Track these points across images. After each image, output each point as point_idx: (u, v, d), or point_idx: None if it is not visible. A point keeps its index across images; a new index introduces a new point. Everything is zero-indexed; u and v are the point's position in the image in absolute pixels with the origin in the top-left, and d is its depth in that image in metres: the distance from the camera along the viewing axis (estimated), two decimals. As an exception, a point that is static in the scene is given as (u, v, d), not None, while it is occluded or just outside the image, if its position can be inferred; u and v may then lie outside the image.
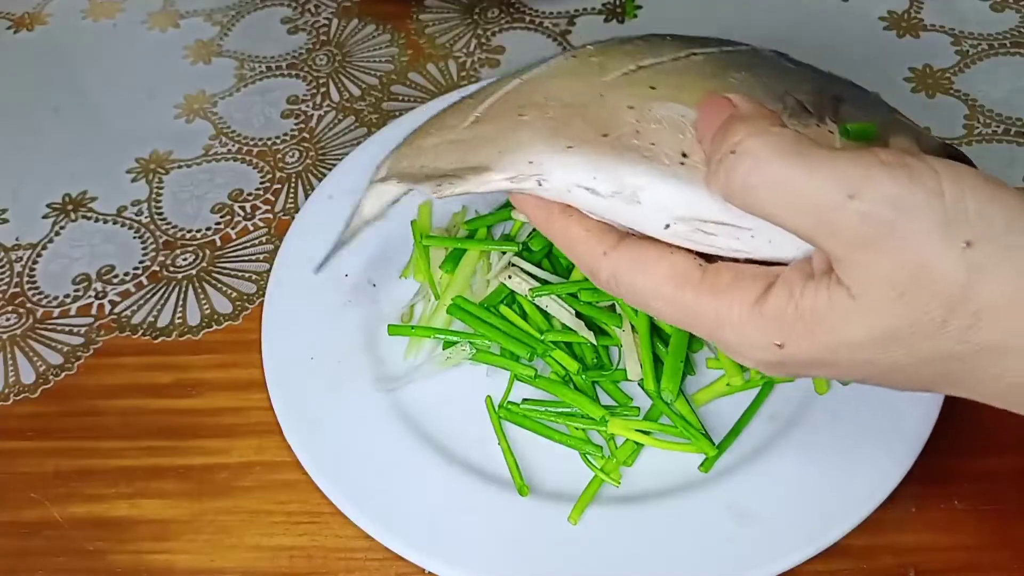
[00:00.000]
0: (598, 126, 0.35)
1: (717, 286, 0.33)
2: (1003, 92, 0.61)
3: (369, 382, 0.47)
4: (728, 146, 0.31)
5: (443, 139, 0.39)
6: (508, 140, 0.36)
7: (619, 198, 0.34)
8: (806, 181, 0.30)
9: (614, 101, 0.36)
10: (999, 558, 0.42)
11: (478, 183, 0.36)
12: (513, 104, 0.38)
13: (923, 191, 0.29)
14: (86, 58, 0.68)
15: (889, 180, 0.29)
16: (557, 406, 0.46)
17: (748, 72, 0.37)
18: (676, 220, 0.34)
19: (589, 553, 0.41)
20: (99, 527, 0.45)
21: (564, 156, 0.35)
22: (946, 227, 0.28)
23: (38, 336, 0.53)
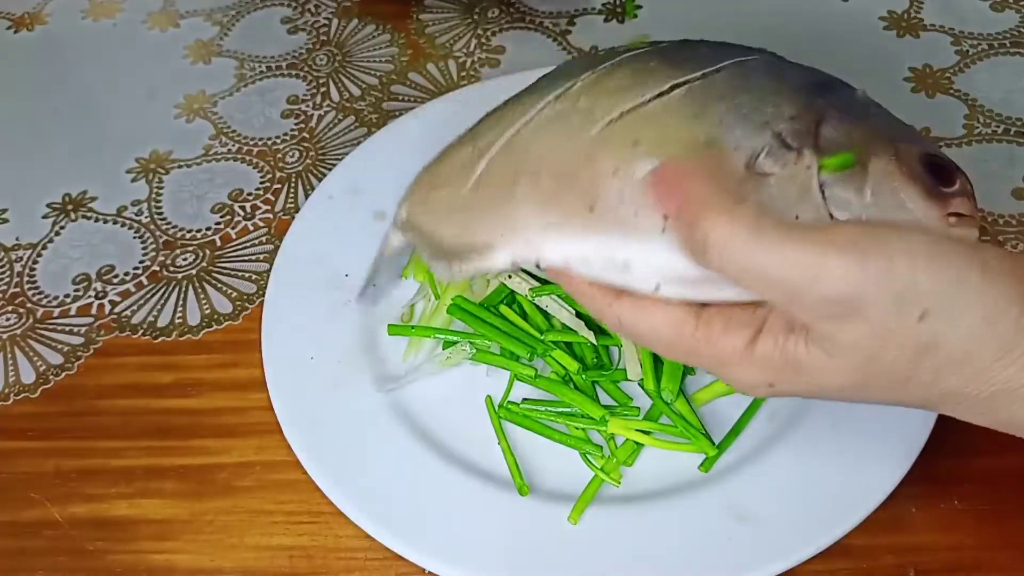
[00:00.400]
0: (586, 198, 0.38)
1: (711, 335, 0.36)
2: (1003, 92, 0.61)
3: (369, 382, 0.47)
4: (697, 238, 0.34)
5: (451, 201, 0.42)
6: (505, 219, 0.39)
7: (611, 270, 0.37)
8: (774, 267, 0.33)
9: (600, 165, 0.38)
10: (999, 558, 0.42)
11: (483, 264, 0.39)
12: (510, 167, 0.40)
13: (876, 273, 0.32)
14: (86, 58, 0.68)
15: (841, 266, 0.32)
16: (557, 406, 0.46)
17: (730, 102, 0.39)
18: (664, 282, 0.36)
19: (589, 553, 0.41)
20: (99, 527, 0.45)
21: (557, 237, 0.38)
22: (900, 304, 0.32)
23: (38, 336, 0.53)
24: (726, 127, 0.38)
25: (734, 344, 0.35)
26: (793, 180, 0.37)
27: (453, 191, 0.41)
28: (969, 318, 0.32)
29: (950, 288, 0.32)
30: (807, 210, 0.36)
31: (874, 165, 0.37)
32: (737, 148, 0.37)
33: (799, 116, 0.38)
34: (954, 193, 0.37)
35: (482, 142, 0.42)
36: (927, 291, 0.32)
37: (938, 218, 0.37)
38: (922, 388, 0.34)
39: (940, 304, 0.32)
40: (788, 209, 0.36)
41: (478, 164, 0.41)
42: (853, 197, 0.36)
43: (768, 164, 0.37)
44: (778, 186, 0.36)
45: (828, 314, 0.33)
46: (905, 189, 0.37)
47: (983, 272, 0.32)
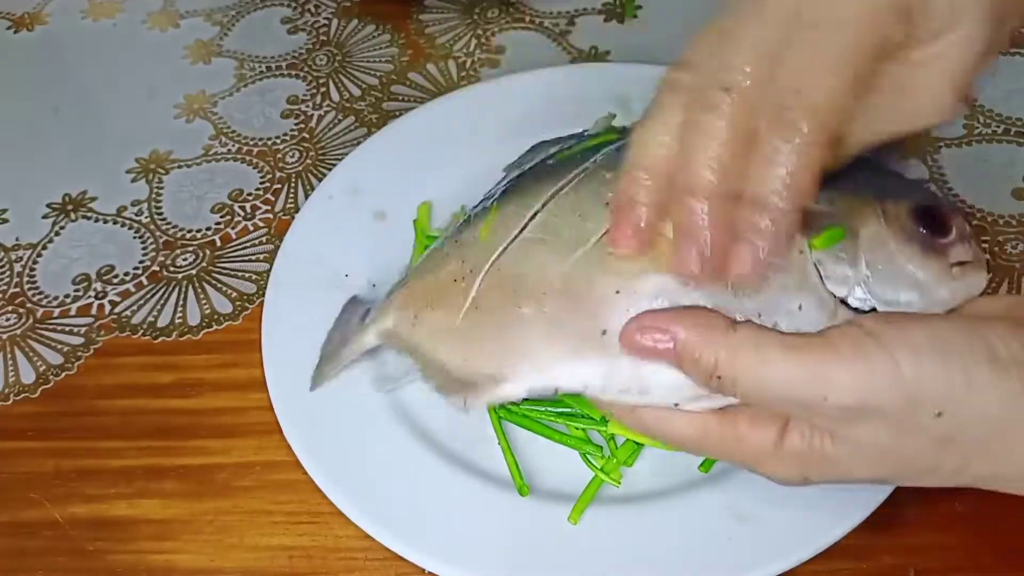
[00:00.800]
0: (594, 319, 0.38)
1: (737, 435, 0.36)
2: (1003, 92, 0.61)
3: (369, 382, 0.47)
4: (708, 373, 0.35)
5: (449, 323, 0.41)
6: (515, 347, 0.39)
7: (629, 394, 0.37)
8: (782, 387, 0.33)
9: (601, 284, 0.38)
10: (999, 558, 0.42)
11: (497, 396, 0.39)
12: (507, 290, 0.40)
13: (884, 377, 0.32)
14: (86, 58, 0.68)
15: (848, 375, 0.32)
16: (557, 406, 0.46)
17: None
18: (683, 399, 0.36)
19: (589, 553, 0.41)
20: (99, 527, 0.45)
21: (572, 364, 0.38)
22: (912, 403, 0.32)
23: (38, 336, 0.53)
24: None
25: (763, 441, 0.35)
26: (790, 269, 0.36)
27: (448, 312, 0.41)
28: (986, 412, 0.32)
29: (961, 386, 0.32)
30: (809, 296, 0.36)
31: (864, 232, 0.37)
32: None
33: None
34: (952, 241, 0.36)
35: (471, 257, 0.41)
36: (937, 391, 0.32)
37: (940, 273, 0.36)
38: (954, 475, 0.34)
39: (953, 402, 0.32)
40: (791, 300, 0.36)
41: (472, 283, 0.41)
42: (849, 271, 0.36)
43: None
44: (777, 279, 0.36)
45: (844, 419, 0.33)
46: (901, 251, 0.36)
47: (991, 363, 0.32)
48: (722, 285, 0.36)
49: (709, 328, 0.35)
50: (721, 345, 0.34)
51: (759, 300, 0.36)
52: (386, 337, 0.44)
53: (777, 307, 0.36)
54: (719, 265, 0.35)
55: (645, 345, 0.36)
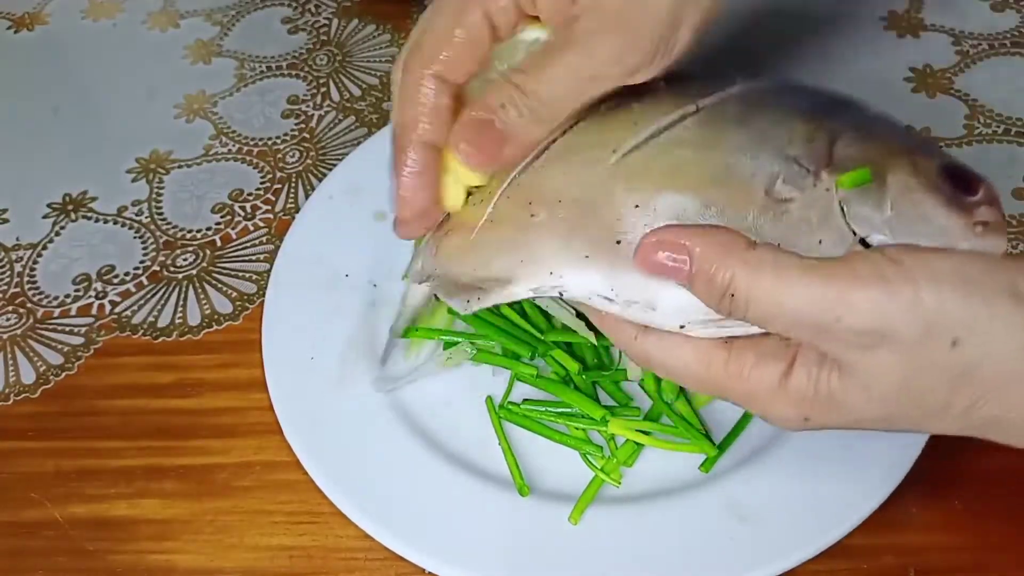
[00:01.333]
0: (611, 229, 0.37)
1: (742, 370, 0.35)
2: (1003, 92, 0.61)
3: (369, 382, 0.47)
4: (720, 291, 0.34)
5: (464, 240, 0.41)
6: (525, 249, 0.38)
7: (635, 307, 0.37)
8: (797, 307, 0.33)
9: (621, 197, 0.38)
10: (999, 558, 0.42)
11: (501, 295, 0.38)
12: (522, 200, 0.39)
13: (901, 301, 0.31)
14: (86, 58, 0.68)
15: (867, 298, 0.32)
16: (557, 406, 0.46)
17: (743, 128, 0.38)
18: (690, 322, 0.36)
19: (589, 553, 0.41)
20: (99, 527, 0.45)
21: (582, 268, 0.37)
22: (930, 331, 0.31)
23: (38, 336, 0.53)
24: (741, 155, 0.37)
25: (767, 378, 0.35)
26: (814, 204, 0.36)
27: (465, 232, 0.41)
28: (1004, 345, 0.31)
29: (981, 316, 0.31)
30: (830, 232, 0.36)
31: (893, 178, 0.37)
32: (755, 175, 0.37)
33: (813, 138, 0.38)
34: (978, 201, 0.36)
35: (491, 182, 0.41)
36: (957, 320, 0.31)
37: (963, 227, 0.36)
38: (961, 416, 0.33)
39: (972, 332, 0.31)
40: (811, 234, 0.36)
41: (489, 201, 0.40)
42: (874, 213, 0.36)
43: (787, 190, 0.37)
44: (799, 211, 0.36)
45: (858, 345, 0.32)
46: (926, 201, 0.36)
47: (1014, 298, 0.31)
48: (743, 213, 0.36)
49: (728, 245, 0.34)
50: (738, 262, 0.33)
51: (780, 230, 0.36)
52: (419, 277, 0.43)
53: (798, 239, 0.36)
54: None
55: (660, 262, 0.35)
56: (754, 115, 0.39)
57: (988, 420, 0.33)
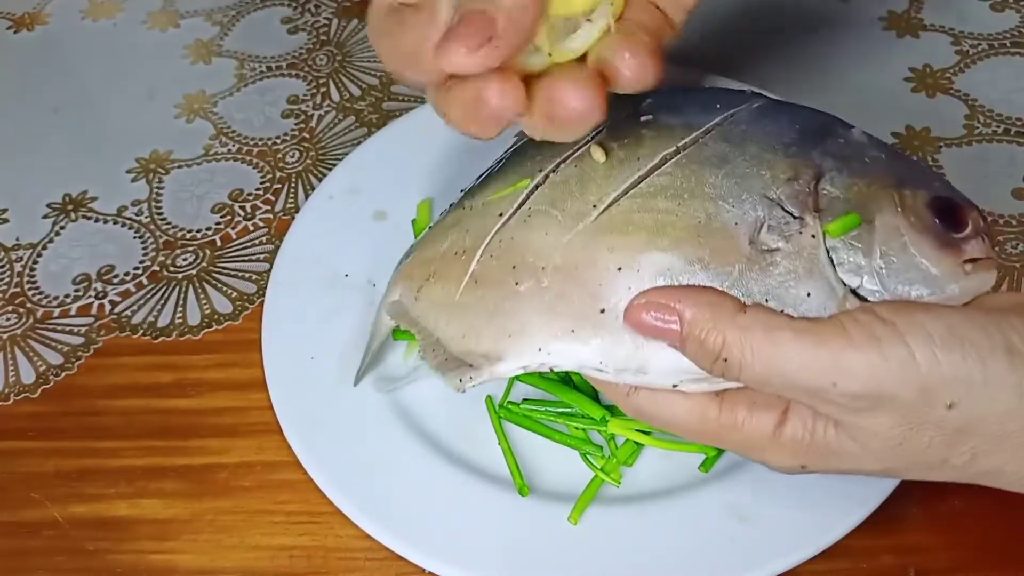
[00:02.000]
0: (594, 297, 0.37)
1: (735, 422, 0.35)
2: (1003, 92, 0.61)
3: (369, 382, 0.47)
4: (713, 355, 0.34)
5: (448, 296, 0.40)
6: (512, 322, 0.38)
7: (626, 374, 0.37)
8: (791, 372, 0.33)
9: (603, 261, 0.37)
10: (999, 558, 0.42)
11: (493, 373, 0.38)
12: (506, 263, 0.39)
13: (896, 364, 0.31)
14: (86, 58, 0.68)
15: (861, 362, 0.32)
16: (557, 406, 0.46)
17: (723, 170, 0.38)
18: (682, 381, 0.36)
19: (589, 553, 0.41)
20: (99, 527, 0.45)
21: (568, 342, 0.37)
22: (926, 393, 0.31)
23: (38, 336, 0.53)
24: (724, 201, 0.37)
25: (761, 428, 0.35)
26: (800, 253, 0.36)
27: (449, 286, 0.41)
28: (999, 405, 0.31)
29: (976, 375, 0.31)
30: (819, 286, 0.36)
31: (880, 220, 0.36)
32: (738, 224, 0.37)
33: (796, 176, 0.38)
34: (967, 237, 0.36)
35: (473, 229, 0.41)
36: (952, 380, 0.31)
37: (952, 269, 0.36)
38: (958, 469, 0.33)
39: (968, 392, 0.31)
40: (799, 287, 0.36)
41: (473, 256, 0.40)
42: (863, 261, 0.36)
43: (772, 239, 0.36)
44: (785, 262, 0.36)
45: (853, 408, 0.32)
46: (916, 244, 0.36)
47: (1008, 355, 0.31)
48: (729, 267, 0.36)
49: (718, 308, 0.34)
50: (729, 326, 0.33)
51: (767, 285, 0.36)
52: (394, 312, 0.43)
53: (785, 293, 0.36)
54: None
55: (650, 324, 0.35)
56: (735, 153, 0.38)
57: (985, 471, 0.34)
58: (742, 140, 0.39)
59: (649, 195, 0.38)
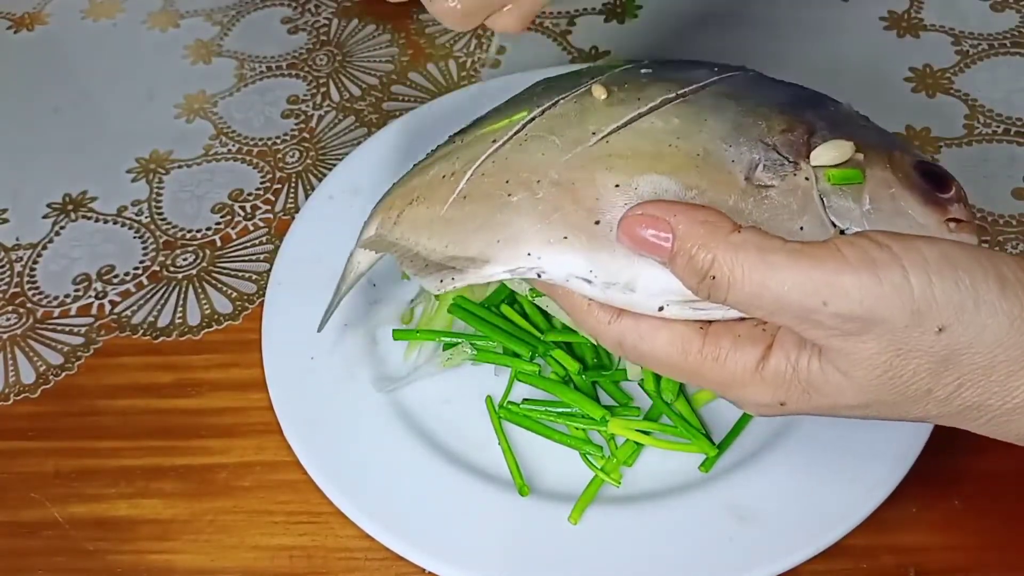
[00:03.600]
0: (589, 210, 0.37)
1: (719, 354, 0.35)
2: (1003, 92, 0.61)
3: (369, 382, 0.47)
4: (701, 273, 0.33)
5: (433, 213, 0.40)
6: (503, 229, 0.38)
7: (614, 288, 0.36)
8: (782, 291, 0.32)
9: (601, 177, 0.37)
10: (999, 558, 0.42)
11: (478, 276, 0.38)
12: (499, 179, 0.39)
13: (890, 286, 0.31)
14: (86, 58, 0.68)
15: (855, 283, 0.31)
16: (557, 406, 0.46)
17: (723, 115, 0.39)
18: (669, 303, 0.36)
19: (589, 553, 0.41)
20: (99, 527, 0.45)
21: (560, 249, 0.37)
22: (917, 317, 0.31)
23: (38, 336, 0.53)
24: (722, 140, 0.38)
25: (744, 362, 0.34)
26: (793, 192, 0.37)
27: (434, 205, 0.40)
28: (990, 332, 0.31)
29: (968, 300, 0.31)
30: (810, 221, 0.36)
31: (870, 173, 0.37)
32: (735, 161, 0.37)
33: (791, 128, 0.38)
34: (950, 199, 0.37)
35: (464, 155, 0.41)
36: (944, 304, 0.31)
37: (937, 223, 0.36)
38: (941, 402, 0.33)
39: (959, 317, 0.31)
40: (793, 220, 0.36)
41: (462, 177, 0.40)
42: (853, 205, 0.37)
43: (767, 176, 0.37)
44: (780, 197, 0.37)
45: (842, 331, 0.32)
46: (903, 196, 0.37)
47: (1000, 283, 0.31)
48: (724, 197, 0.36)
49: (712, 226, 0.33)
50: (722, 243, 0.33)
51: (762, 213, 0.36)
52: (370, 244, 0.43)
53: (779, 223, 0.36)
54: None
55: (643, 236, 0.35)
56: (732, 105, 0.39)
57: (968, 406, 0.33)
58: (739, 96, 0.40)
59: (649, 130, 0.38)
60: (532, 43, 0.67)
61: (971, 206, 0.38)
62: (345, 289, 0.46)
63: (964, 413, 0.33)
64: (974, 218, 0.38)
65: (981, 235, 0.54)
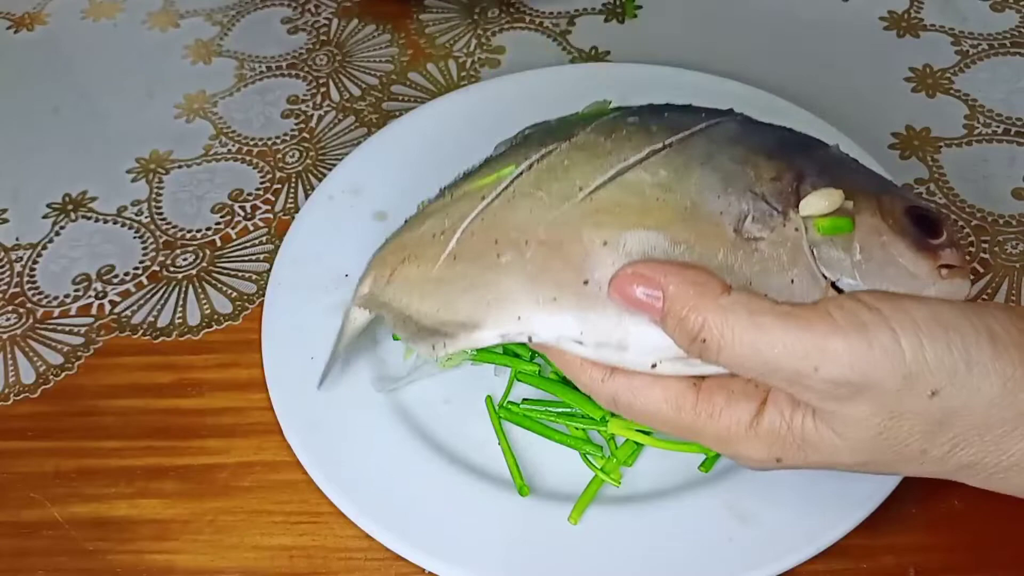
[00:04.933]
0: (578, 269, 0.37)
1: (713, 411, 0.35)
2: (1003, 92, 0.61)
3: (369, 382, 0.47)
4: (692, 335, 0.34)
5: (424, 273, 0.40)
6: (492, 290, 0.38)
7: (606, 348, 0.36)
8: (772, 354, 0.32)
9: (588, 235, 0.37)
10: (999, 558, 0.42)
11: (470, 341, 0.38)
12: (487, 238, 0.39)
13: (881, 351, 0.31)
14: (86, 58, 0.68)
15: (846, 347, 0.31)
16: (557, 406, 0.46)
17: (710, 165, 0.38)
18: (662, 360, 0.36)
19: (589, 553, 0.41)
20: (99, 527, 0.45)
21: (550, 311, 0.37)
22: (910, 381, 0.31)
23: (38, 336, 0.53)
24: (710, 191, 0.37)
25: (738, 419, 0.34)
26: (783, 244, 0.36)
27: (425, 265, 0.40)
28: (983, 394, 0.31)
29: (960, 363, 0.31)
30: (801, 273, 0.36)
31: (860, 220, 0.37)
32: (723, 213, 0.37)
33: (779, 176, 0.38)
34: (942, 244, 0.37)
35: (454, 212, 0.41)
36: (936, 368, 0.31)
37: (929, 271, 0.36)
38: (937, 461, 0.33)
39: (952, 380, 0.31)
40: (783, 273, 0.36)
41: (452, 236, 0.40)
42: (843, 255, 0.36)
43: (756, 228, 0.36)
44: (769, 250, 0.36)
45: (834, 396, 0.32)
46: (894, 244, 0.36)
47: (992, 343, 0.31)
48: (713, 251, 0.36)
49: (702, 287, 0.34)
50: (711, 306, 0.33)
51: (752, 268, 0.36)
52: (365, 303, 0.43)
53: (770, 278, 0.36)
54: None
55: (634, 295, 0.35)
56: (720, 153, 0.39)
57: (963, 464, 0.33)
58: (727, 143, 0.39)
59: (636, 183, 0.38)
60: (532, 43, 0.67)
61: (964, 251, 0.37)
62: (343, 346, 0.46)
63: (961, 471, 0.33)
64: (967, 263, 0.37)
65: (980, 235, 0.54)
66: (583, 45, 0.66)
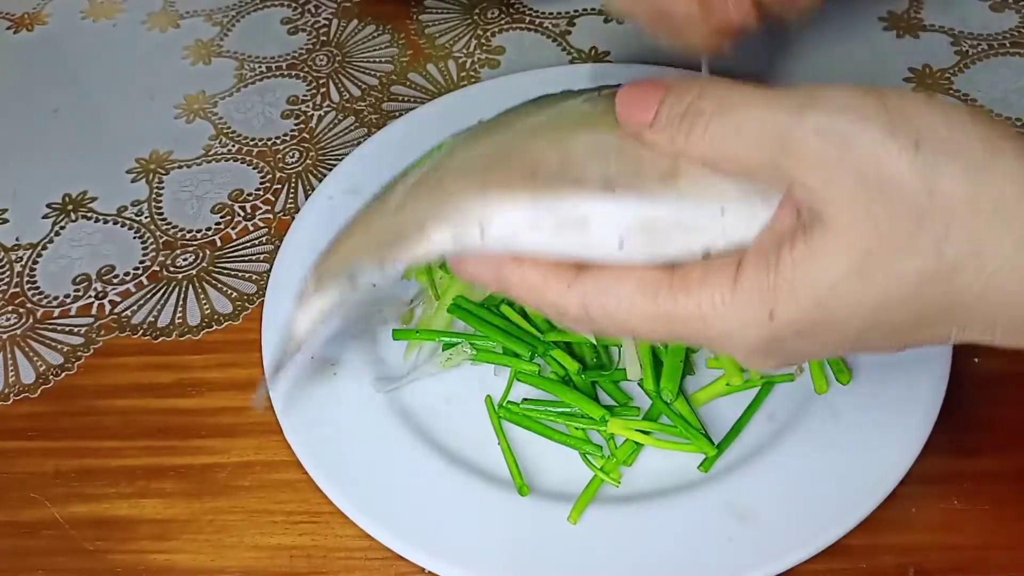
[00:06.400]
0: (525, 169, 0.35)
1: (689, 283, 0.32)
2: (1003, 92, 0.61)
3: (369, 382, 0.47)
4: (688, 100, 0.32)
5: (368, 235, 0.38)
6: (440, 198, 0.36)
7: (566, 229, 0.34)
8: (764, 105, 0.31)
9: (535, 147, 0.36)
10: (999, 558, 0.42)
11: (420, 252, 0.36)
12: (434, 177, 0.37)
13: (870, 99, 0.31)
14: (86, 58, 0.68)
15: (836, 91, 0.31)
16: (557, 406, 0.46)
17: None
18: (628, 233, 0.33)
19: (589, 553, 0.41)
20: (99, 527, 0.45)
21: (500, 200, 0.35)
22: (894, 129, 0.30)
23: (38, 336, 0.53)
24: None
25: (719, 282, 0.32)
26: None
27: (372, 226, 0.39)
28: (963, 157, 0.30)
29: (940, 123, 0.30)
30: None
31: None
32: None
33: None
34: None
35: (391, 186, 0.40)
36: (917, 122, 0.30)
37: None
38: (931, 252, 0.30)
39: (932, 135, 0.30)
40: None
41: (397, 199, 0.38)
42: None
43: None
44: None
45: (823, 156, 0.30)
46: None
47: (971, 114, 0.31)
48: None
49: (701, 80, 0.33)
50: (707, 80, 0.33)
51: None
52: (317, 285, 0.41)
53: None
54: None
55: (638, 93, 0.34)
56: None
57: (959, 257, 0.30)
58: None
59: (579, 107, 0.38)
60: (532, 43, 0.67)
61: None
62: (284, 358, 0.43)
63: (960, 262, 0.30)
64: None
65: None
66: (583, 45, 0.66)
